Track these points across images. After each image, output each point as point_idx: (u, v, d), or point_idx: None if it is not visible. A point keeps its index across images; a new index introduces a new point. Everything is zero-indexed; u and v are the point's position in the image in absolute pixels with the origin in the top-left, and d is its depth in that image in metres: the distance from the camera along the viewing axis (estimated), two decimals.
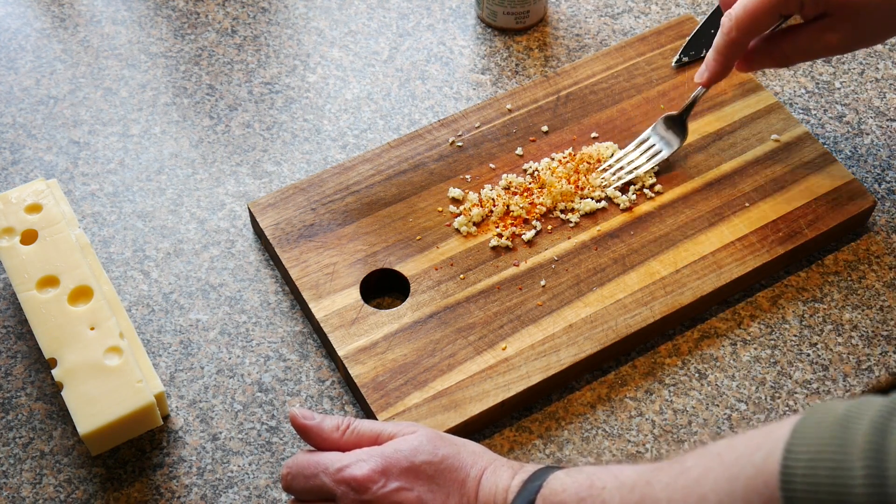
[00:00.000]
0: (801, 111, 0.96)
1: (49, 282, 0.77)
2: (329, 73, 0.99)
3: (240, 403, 0.79)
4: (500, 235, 0.85)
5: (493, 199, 0.87)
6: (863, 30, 0.79)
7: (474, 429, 0.77)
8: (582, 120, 0.92)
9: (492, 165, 0.89)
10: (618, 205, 0.87)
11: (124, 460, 0.76)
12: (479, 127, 0.92)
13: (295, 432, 0.77)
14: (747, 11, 0.78)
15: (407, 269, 0.83)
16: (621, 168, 0.89)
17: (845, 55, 1.00)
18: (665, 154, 0.89)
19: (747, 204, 0.87)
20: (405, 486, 0.66)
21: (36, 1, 1.04)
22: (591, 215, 0.87)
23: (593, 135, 0.92)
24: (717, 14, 0.97)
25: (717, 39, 0.81)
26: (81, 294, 0.77)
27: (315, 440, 0.70)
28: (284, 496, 0.75)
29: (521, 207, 0.86)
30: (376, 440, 0.70)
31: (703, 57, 0.96)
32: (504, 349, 0.79)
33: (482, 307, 0.81)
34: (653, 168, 0.89)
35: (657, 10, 1.05)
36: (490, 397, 0.77)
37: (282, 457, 0.77)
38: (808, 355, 0.82)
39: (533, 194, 0.87)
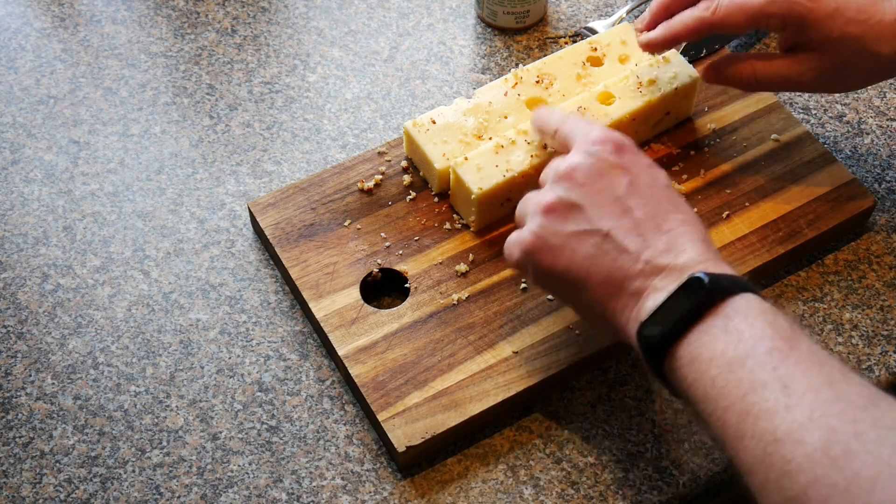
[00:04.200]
0: (801, 111, 0.96)
1: None
2: (329, 73, 0.99)
3: (240, 403, 0.79)
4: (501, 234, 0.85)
5: None
6: (840, 71, 0.79)
7: (474, 428, 0.77)
8: None
9: None
10: None
11: (125, 460, 0.76)
12: None
13: (294, 432, 0.77)
14: (736, 4, 0.78)
15: (407, 269, 0.83)
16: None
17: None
18: None
19: (747, 204, 0.87)
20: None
21: (36, 1, 1.04)
22: None
23: None
24: None
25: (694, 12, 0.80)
26: None
27: None
28: (284, 496, 0.75)
29: None
30: None
31: (704, 56, 0.96)
32: (504, 349, 0.79)
33: (482, 307, 0.81)
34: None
35: None
36: (490, 397, 0.77)
37: (282, 457, 0.77)
38: None
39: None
